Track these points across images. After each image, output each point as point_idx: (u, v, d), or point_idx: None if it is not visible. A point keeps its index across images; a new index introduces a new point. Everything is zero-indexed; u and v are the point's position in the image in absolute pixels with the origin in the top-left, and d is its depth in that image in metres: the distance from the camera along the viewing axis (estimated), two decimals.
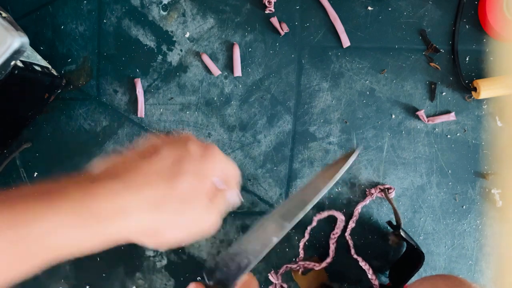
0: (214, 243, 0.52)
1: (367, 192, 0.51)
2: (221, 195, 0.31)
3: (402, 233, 0.47)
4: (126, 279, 0.52)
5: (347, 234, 0.50)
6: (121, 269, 0.52)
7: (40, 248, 0.24)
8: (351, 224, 0.50)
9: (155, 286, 0.52)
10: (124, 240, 0.25)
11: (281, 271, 0.50)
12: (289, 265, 0.50)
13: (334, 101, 0.51)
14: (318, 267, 0.50)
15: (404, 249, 0.51)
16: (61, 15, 0.51)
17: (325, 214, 0.50)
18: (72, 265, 0.52)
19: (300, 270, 0.50)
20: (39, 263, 0.24)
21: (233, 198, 0.33)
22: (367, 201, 0.50)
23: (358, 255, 0.50)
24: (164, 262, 0.52)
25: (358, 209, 0.50)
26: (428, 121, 0.50)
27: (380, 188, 0.50)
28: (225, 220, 0.51)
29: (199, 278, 0.52)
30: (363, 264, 0.49)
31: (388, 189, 0.50)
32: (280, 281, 0.50)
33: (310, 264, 0.50)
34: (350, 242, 0.50)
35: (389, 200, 0.49)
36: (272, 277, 0.50)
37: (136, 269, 0.52)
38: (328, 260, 0.50)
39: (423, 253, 0.46)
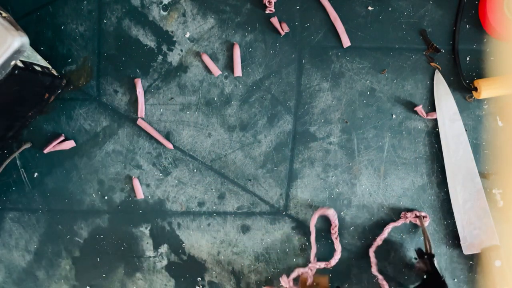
0: (215, 244, 0.52)
1: (401, 215, 0.50)
2: None
3: (435, 264, 0.46)
4: (126, 279, 0.52)
5: (371, 250, 0.50)
6: (121, 269, 0.52)
7: None
8: (378, 242, 0.50)
9: (156, 286, 0.52)
10: None
11: (292, 275, 0.49)
12: (300, 269, 0.49)
13: (334, 101, 0.51)
14: (329, 264, 0.49)
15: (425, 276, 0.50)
16: (61, 15, 0.51)
17: (315, 216, 0.50)
18: (72, 265, 0.52)
19: (309, 280, 0.49)
20: None
21: None
22: (399, 223, 0.50)
23: (379, 272, 0.50)
24: (165, 262, 0.52)
25: (389, 228, 0.50)
26: (427, 116, 0.50)
27: (416, 214, 0.49)
28: (225, 221, 0.51)
29: (199, 278, 0.52)
30: (383, 283, 0.49)
31: (424, 217, 0.49)
32: (291, 284, 0.49)
33: (321, 264, 0.49)
34: (373, 260, 0.50)
35: (423, 228, 0.48)
36: (283, 281, 0.49)
37: (136, 270, 0.52)
38: (337, 256, 0.49)
39: (446, 286, 0.46)
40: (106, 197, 0.52)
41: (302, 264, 0.51)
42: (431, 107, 0.51)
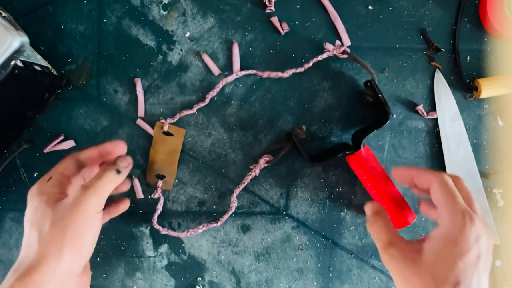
0: (215, 243, 0.52)
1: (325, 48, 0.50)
2: None
3: (373, 82, 0.46)
4: (126, 279, 0.52)
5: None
6: (121, 269, 0.52)
7: None
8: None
9: (156, 286, 0.52)
10: None
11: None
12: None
13: (335, 101, 0.51)
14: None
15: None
16: (61, 14, 0.51)
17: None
18: None
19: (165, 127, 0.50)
20: None
21: None
22: (324, 56, 0.49)
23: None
24: (165, 262, 0.52)
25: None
26: (427, 115, 0.50)
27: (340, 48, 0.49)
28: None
29: (199, 278, 0.52)
30: None
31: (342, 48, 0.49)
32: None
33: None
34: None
35: (354, 57, 0.48)
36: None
37: (136, 269, 0.52)
38: None
39: (389, 111, 0.45)
40: None
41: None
42: (432, 107, 0.51)
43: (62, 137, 0.51)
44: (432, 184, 0.36)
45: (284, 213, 0.51)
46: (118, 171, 0.39)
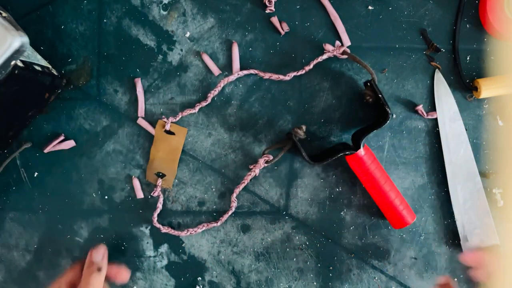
0: (215, 243, 0.52)
1: (325, 49, 0.50)
2: None
3: (373, 82, 0.46)
4: None
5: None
6: None
7: None
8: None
9: (156, 286, 0.52)
10: None
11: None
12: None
13: (334, 101, 0.51)
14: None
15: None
16: (61, 14, 0.51)
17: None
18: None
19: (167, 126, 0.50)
20: None
21: None
22: (324, 57, 0.49)
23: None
24: (165, 262, 0.52)
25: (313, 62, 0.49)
26: (427, 115, 0.50)
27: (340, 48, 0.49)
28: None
29: (199, 278, 0.52)
30: None
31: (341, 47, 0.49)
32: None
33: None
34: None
35: (354, 57, 0.48)
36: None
37: (136, 269, 0.52)
38: None
39: (389, 111, 0.45)
40: (106, 197, 0.52)
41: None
42: (432, 107, 0.51)
43: (62, 137, 0.51)
44: None
45: (284, 213, 0.51)
46: (99, 269, 0.45)
